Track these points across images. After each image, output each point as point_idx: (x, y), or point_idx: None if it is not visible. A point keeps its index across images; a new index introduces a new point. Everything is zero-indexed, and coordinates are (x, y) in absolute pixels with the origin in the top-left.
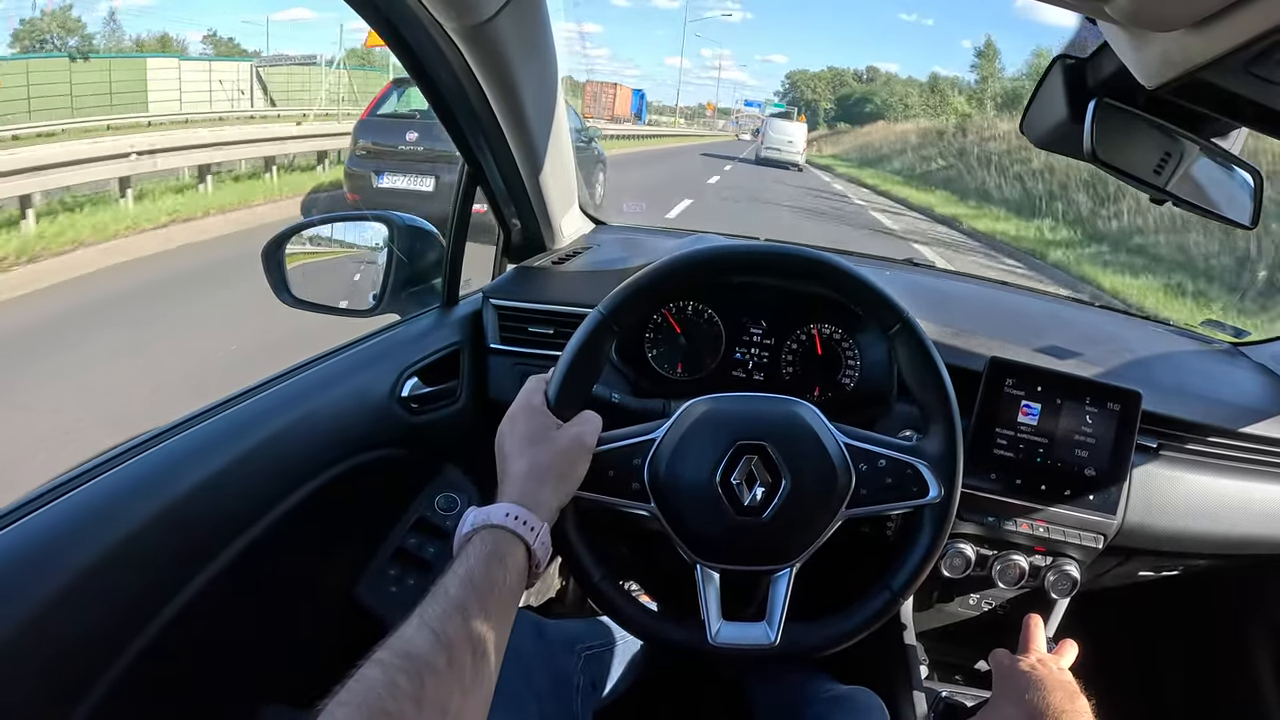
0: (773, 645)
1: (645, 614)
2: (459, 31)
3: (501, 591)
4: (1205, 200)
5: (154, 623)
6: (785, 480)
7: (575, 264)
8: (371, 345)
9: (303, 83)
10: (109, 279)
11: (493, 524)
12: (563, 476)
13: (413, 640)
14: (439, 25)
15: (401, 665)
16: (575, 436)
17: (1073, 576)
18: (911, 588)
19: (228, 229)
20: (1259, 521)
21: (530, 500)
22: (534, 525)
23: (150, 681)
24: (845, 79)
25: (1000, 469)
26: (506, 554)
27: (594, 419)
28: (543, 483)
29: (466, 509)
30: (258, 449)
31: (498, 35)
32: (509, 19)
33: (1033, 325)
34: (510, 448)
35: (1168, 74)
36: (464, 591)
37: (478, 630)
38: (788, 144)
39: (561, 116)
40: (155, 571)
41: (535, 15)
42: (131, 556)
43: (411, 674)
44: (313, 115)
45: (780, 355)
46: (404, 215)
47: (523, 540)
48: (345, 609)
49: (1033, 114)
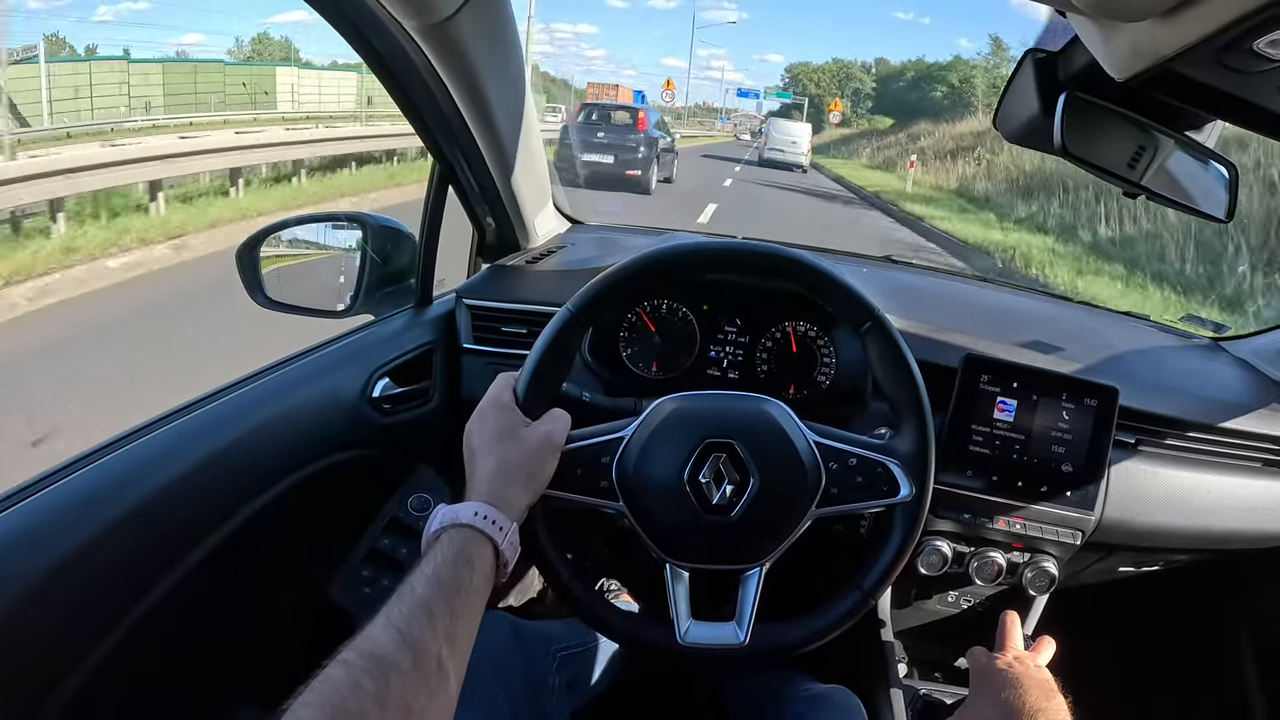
0: (742, 645)
1: (614, 613)
2: (419, 30)
3: (468, 591)
4: (1180, 194)
5: (123, 622)
6: (754, 479)
7: (549, 263)
8: (343, 346)
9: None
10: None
11: (461, 523)
12: (531, 475)
13: (378, 640)
14: (400, 25)
15: (366, 666)
16: (544, 435)
17: (1051, 573)
18: (882, 588)
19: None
20: (1240, 516)
21: (499, 499)
22: (502, 525)
23: (120, 680)
24: (852, 71)
25: (976, 466)
26: (474, 554)
27: (563, 417)
28: (511, 481)
29: (434, 508)
30: (227, 449)
31: (459, 34)
32: (470, 17)
33: (1011, 321)
34: (479, 445)
35: (1137, 65)
36: (430, 591)
37: (444, 630)
38: (791, 145)
39: (531, 115)
40: (125, 571)
41: (497, 13)
42: (101, 556)
43: (376, 675)
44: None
45: (755, 353)
46: (377, 216)
47: (490, 540)
48: (319, 609)
49: (1005, 109)
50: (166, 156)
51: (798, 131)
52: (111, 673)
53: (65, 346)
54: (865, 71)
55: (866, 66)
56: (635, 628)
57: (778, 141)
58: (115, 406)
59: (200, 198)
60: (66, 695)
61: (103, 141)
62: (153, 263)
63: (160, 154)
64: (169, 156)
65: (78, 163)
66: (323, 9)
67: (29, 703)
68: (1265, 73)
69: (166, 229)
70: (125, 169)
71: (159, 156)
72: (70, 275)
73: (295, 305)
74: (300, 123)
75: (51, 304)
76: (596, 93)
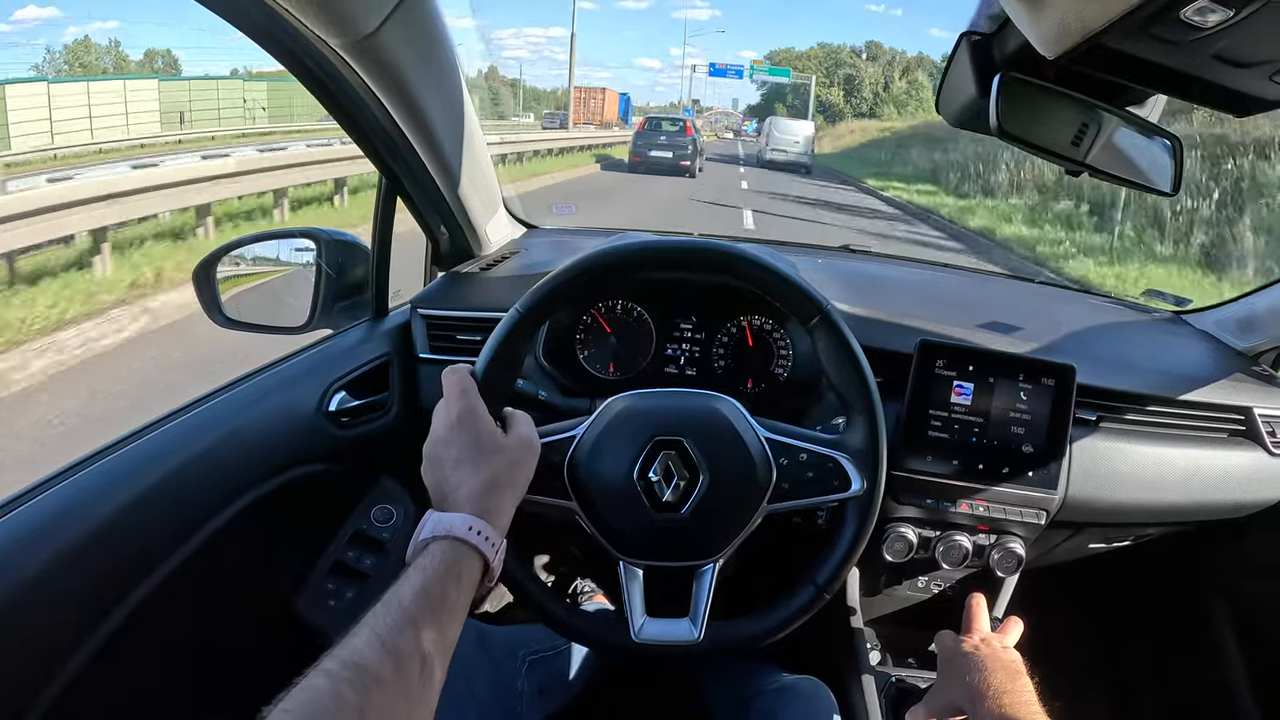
0: (697, 642)
1: (568, 611)
2: (345, 48)
3: (455, 606)
4: (1126, 169)
5: (84, 646)
6: (704, 475)
7: (504, 269)
8: (299, 361)
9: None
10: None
11: (455, 536)
12: (517, 485)
13: (361, 651)
14: (325, 42)
15: (349, 676)
16: (524, 440)
17: (1018, 554)
18: (836, 582)
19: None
20: (1207, 488)
21: (488, 512)
22: (493, 540)
23: (84, 705)
24: (841, 56)
25: (936, 451)
26: (464, 568)
27: (527, 418)
28: (501, 493)
29: (425, 514)
30: (182, 469)
31: (386, 48)
32: (394, 32)
33: (969, 305)
34: (460, 457)
35: (1066, 42)
36: (418, 605)
37: (428, 644)
38: (793, 144)
39: (472, 121)
40: (83, 596)
41: (425, 24)
42: (57, 583)
43: (358, 685)
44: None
45: (712, 349)
46: (330, 230)
47: (482, 555)
48: (284, 624)
49: (945, 93)
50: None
51: (800, 130)
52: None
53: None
54: (855, 55)
55: (856, 50)
56: (589, 625)
57: (779, 141)
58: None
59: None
60: (33, 717)
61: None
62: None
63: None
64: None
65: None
66: (248, 29)
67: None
68: (1197, 41)
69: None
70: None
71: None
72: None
73: (254, 323)
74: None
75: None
76: (582, 95)
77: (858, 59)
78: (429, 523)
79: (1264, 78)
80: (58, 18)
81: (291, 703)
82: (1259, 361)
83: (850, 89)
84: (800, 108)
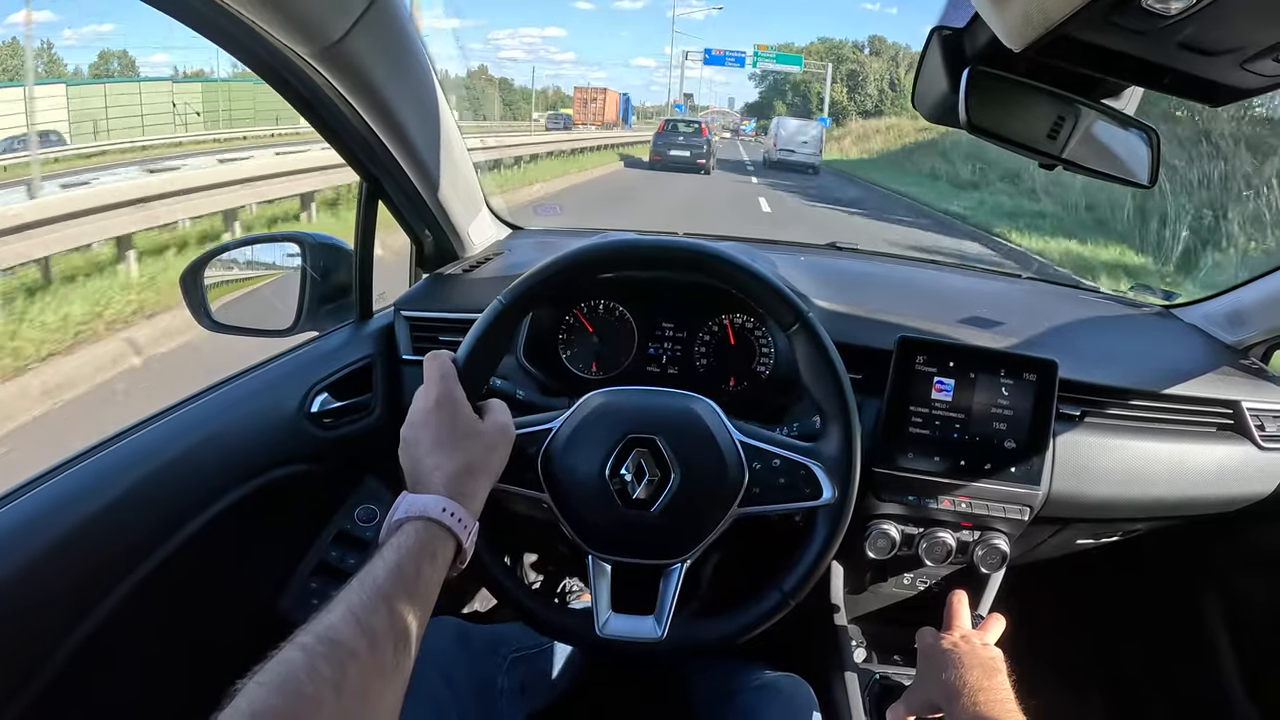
0: (660, 640)
1: (536, 602)
2: (313, 55)
3: (428, 585)
4: (1104, 163)
5: (64, 646)
6: (674, 474)
7: (487, 270)
8: (281, 364)
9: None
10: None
11: (429, 517)
12: (491, 470)
13: (336, 627)
14: (293, 50)
15: (324, 651)
16: (501, 427)
17: (1002, 550)
18: (803, 590)
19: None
20: (1194, 483)
21: (462, 495)
22: (467, 523)
23: (63, 702)
24: (844, 51)
25: (917, 447)
26: (438, 550)
27: (504, 406)
28: (476, 477)
29: (399, 495)
30: (167, 469)
31: (354, 55)
32: (361, 38)
33: (952, 301)
34: (436, 439)
35: (1030, 34)
36: (392, 584)
37: (401, 622)
38: (802, 144)
39: (449, 124)
40: (67, 594)
41: (392, 29)
42: (36, 583)
43: (333, 660)
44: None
45: (693, 348)
46: (314, 234)
47: (455, 536)
48: (268, 624)
49: (920, 88)
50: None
51: (808, 130)
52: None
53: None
54: (858, 50)
55: (859, 45)
56: (554, 617)
57: (787, 141)
58: None
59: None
60: (11, 718)
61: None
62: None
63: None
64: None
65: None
66: (219, 39)
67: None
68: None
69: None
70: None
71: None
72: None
73: (241, 327)
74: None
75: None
76: (584, 96)
77: (860, 54)
78: (403, 504)
79: (1235, 66)
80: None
81: (266, 675)
82: (1248, 355)
83: (854, 85)
84: (801, 106)
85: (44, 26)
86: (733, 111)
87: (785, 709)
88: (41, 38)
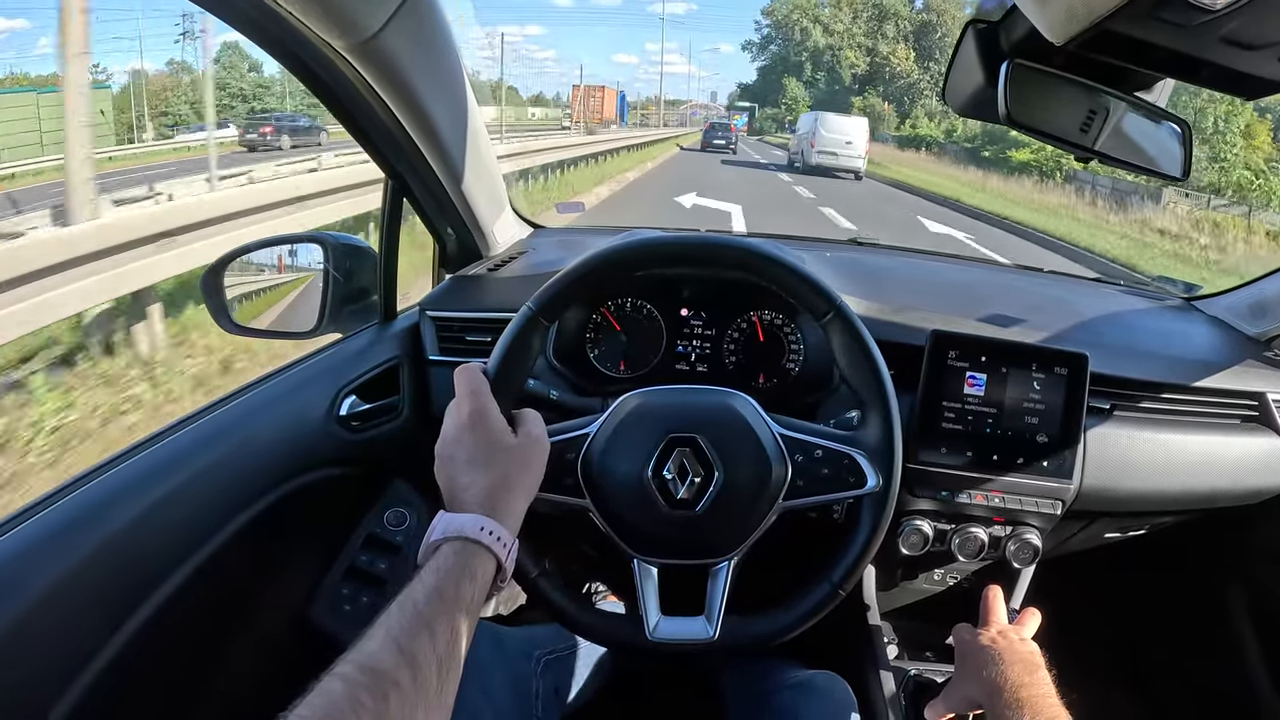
0: (712, 640)
1: (582, 610)
2: (348, 49)
3: (469, 606)
4: (1136, 155)
5: (102, 654)
6: (718, 472)
7: (511, 270)
8: (309, 366)
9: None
10: None
11: (466, 536)
12: (527, 484)
13: (377, 655)
14: (329, 45)
15: (366, 681)
16: (535, 439)
17: (1034, 545)
18: (851, 580)
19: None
20: (1221, 474)
21: (501, 513)
22: (506, 541)
23: (102, 713)
24: (893, 5)
25: (950, 442)
26: (478, 570)
27: (537, 417)
28: (513, 494)
29: (435, 515)
30: (197, 477)
31: (388, 49)
32: (397, 32)
33: (978, 296)
34: (471, 457)
35: (1074, 28)
36: (432, 607)
37: (444, 646)
38: (845, 145)
39: (477, 122)
40: (100, 604)
41: (427, 24)
42: (78, 588)
43: (376, 690)
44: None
45: (722, 345)
46: (338, 235)
47: (494, 555)
48: (299, 630)
49: (952, 82)
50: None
51: (851, 129)
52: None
53: None
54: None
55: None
56: (604, 624)
57: (828, 142)
58: None
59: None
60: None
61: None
62: None
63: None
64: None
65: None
66: (250, 32)
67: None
68: (1205, 24)
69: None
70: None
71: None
72: None
73: (262, 329)
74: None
75: None
76: (583, 95)
77: (908, 8)
78: (439, 524)
79: (1273, 59)
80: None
81: (308, 709)
82: (1271, 346)
83: (924, 50)
84: (832, 97)
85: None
86: (716, 105)
87: (824, 707)
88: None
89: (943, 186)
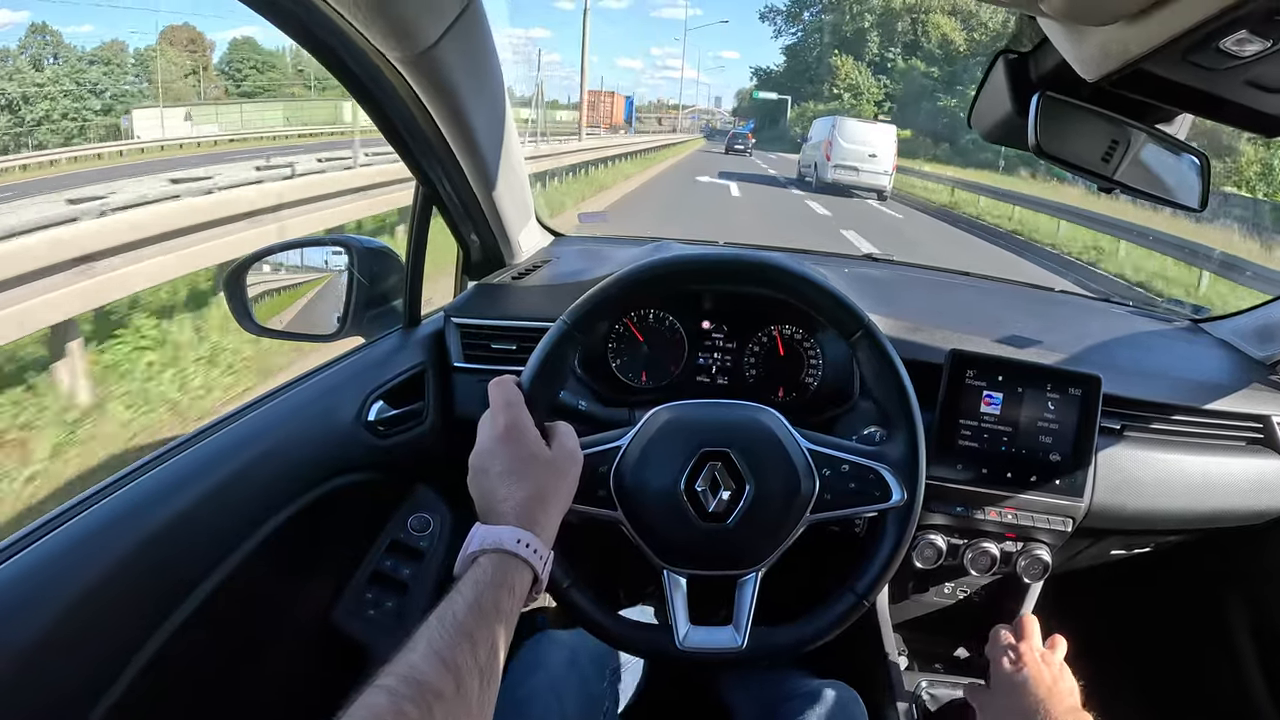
0: (740, 649)
1: (613, 619)
2: (402, 60)
3: (507, 617)
4: (1155, 186)
5: (136, 659)
6: (749, 486)
7: (535, 278)
8: (336, 371)
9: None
10: None
11: (504, 549)
12: (561, 496)
13: (419, 667)
14: (382, 55)
15: (409, 693)
16: (569, 452)
17: (1044, 561)
18: (876, 591)
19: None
20: (1226, 495)
21: (536, 524)
22: (542, 553)
23: (139, 712)
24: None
25: (966, 459)
26: (516, 582)
27: (571, 430)
28: (547, 505)
29: (473, 528)
30: (228, 482)
31: (442, 61)
32: (451, 45)
33: (993, 315)
34: (506, 469)
35: (1107, 66)
36: (473, 618)
37: (484, 658)
38: (868, 158)
39: (511, 133)
40: (138, 604)
41: (478, 38)
42: (109, 595)
43: (419, 702)
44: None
45: (743, 358)
46: (362, 238)
47: (531, 567)
48: (323, 633)
49: (980, 108)
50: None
51: (875, 138)
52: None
53: None
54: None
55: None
56: (635, 634)
57: (846, 153)
58: None
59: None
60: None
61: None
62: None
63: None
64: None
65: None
66: (304, 40)
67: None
68: (1232, 69)
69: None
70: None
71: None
72: None
73: (284, 331)
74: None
75: None
76: (593, 100)
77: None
78: (477, 536)
79: None
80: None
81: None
82: (1277, 370)
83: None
84: (918, 88)
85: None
86: (720, 110)
87: (835, 717)
88: None
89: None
